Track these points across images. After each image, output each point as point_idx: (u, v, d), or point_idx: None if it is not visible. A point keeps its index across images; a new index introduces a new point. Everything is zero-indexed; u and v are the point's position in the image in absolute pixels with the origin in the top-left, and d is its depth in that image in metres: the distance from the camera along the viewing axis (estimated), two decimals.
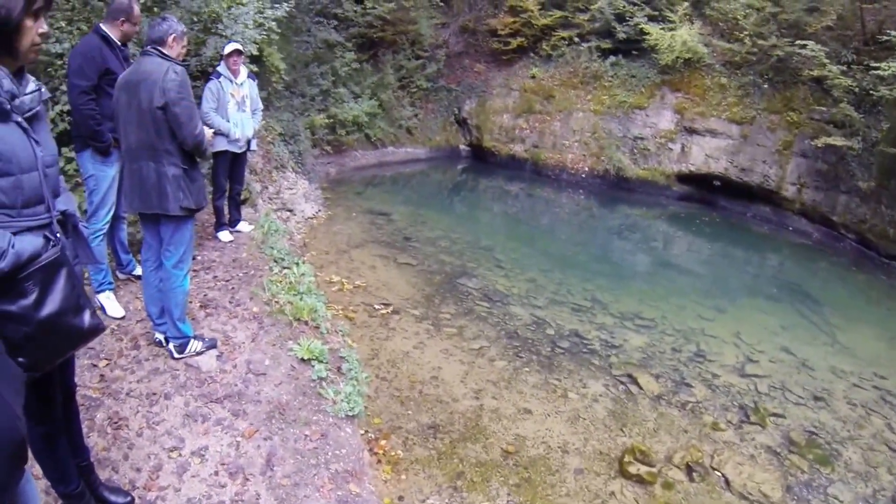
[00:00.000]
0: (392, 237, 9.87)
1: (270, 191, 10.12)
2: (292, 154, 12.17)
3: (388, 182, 15.05)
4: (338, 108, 15.20)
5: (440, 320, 6.89)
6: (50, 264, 2.03)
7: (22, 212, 2.04)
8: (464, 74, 18.46)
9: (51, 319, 2.02)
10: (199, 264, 6.13)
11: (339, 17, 15.96)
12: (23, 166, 2.02)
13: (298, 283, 6.09)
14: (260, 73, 9.85)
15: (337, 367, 4.83)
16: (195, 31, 7.87)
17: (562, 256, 10.11)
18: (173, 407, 3.84)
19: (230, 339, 4.73)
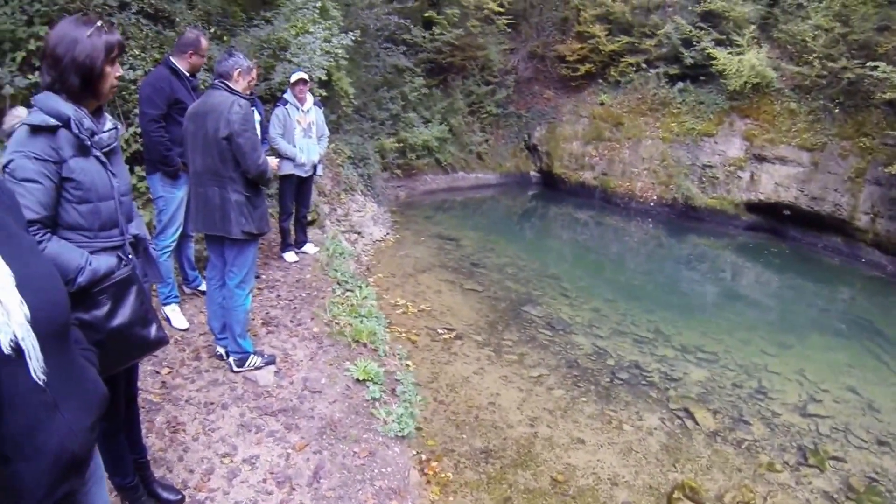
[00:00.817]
0: (459, 263, 10.04)
1: (339, 213, 10.42)
2: (361, 177, 12.46)
3: (458, 207, 15.26)
4: (408, 132, 15.53)
5: (502, 347, 6.97)
6: (122, 281, 2.38)
7: (98, 234, 2.42)
8: (533, 100, 18.62)
9: (120, 330, 2.34)
10: (264, 283, 6.41)
11: (408, 43, 16.31)
12: (100, 195, 2.39)
13: (360, 305, 6.28)
14: (329, 97, 10.21)
15: (391, 388, 4.99)
16: (264, 56, 8.26)
17: (628, 286, 10.10)
18: (229, 416, 4.07)
19: (289, 357, 4.96)
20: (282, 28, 8.43)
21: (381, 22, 14.43)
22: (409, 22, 15.56)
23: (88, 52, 2.26)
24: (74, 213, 2.35)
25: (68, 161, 2.29)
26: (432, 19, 16.84)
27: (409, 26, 15.67)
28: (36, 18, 5.57)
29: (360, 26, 12.66)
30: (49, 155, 2.24)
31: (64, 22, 2.32)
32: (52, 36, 2.26)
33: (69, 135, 2.28)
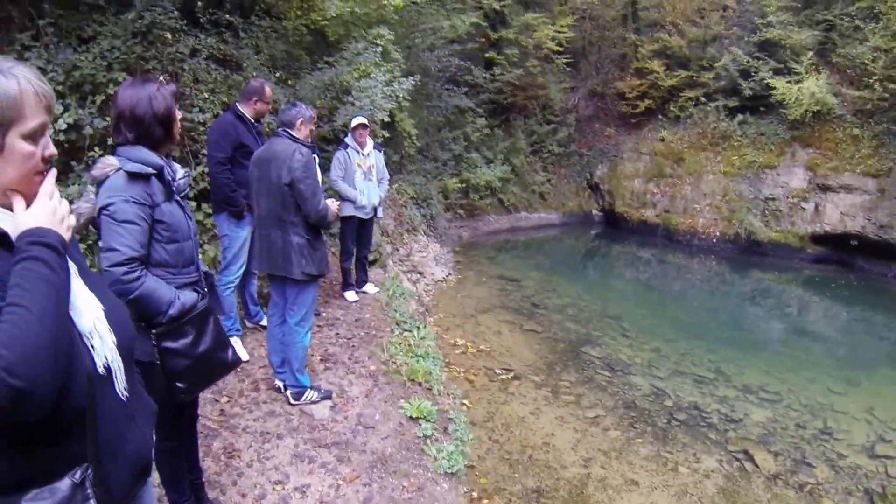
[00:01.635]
0: (520, 304, 10.13)
1: (401, 252, 10.68)
2: (424, 217, 12.73)
3: (520, 247, 15.40)
4: (470, 172, 15.81)
5: (559, 387, 7.02)
6: (202, 312, 2.71)
7: (181, 271, 2.76)
8: (595, 139, 18.76)
9: (205, 354, 2.67)
10: (324, 321, 6.66)
11: (470, 84, 16.63)
12: (183, 235, 2.74)
13: (418, 345, 6.45)
14: (392, 137, 10.51)
15: (444, 427, 5.10)
16: (327, 99, 8.64)
17: (690, 324, 10.01)
18: (283, 446, 4.28)
19: (345, 393, 5.16)
20: (344, 72, 8.80)
21: (442, 63, 14.83)
22: (469, 63, 15.95)
23: (164, 104, 2.63)
24: (163, 251, 2.68)
25: (160, 205, 2.62)
26: (493, 60, 17.24)
27: (470, 67, 16.05)
28: (115, 65, 6.02)
29: (422, 68, 13.10)
30: (145, 199, 2.56)
31: (129, 86, 2.65)
32: (124, 99, 2.60)
33: (159, 182, 2.62)
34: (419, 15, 13.24)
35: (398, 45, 10.77)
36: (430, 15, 13.76)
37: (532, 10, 17.94)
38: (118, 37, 6.17)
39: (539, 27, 17.28)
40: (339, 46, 9.96)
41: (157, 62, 6.42)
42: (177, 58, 6.74)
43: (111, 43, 6.09)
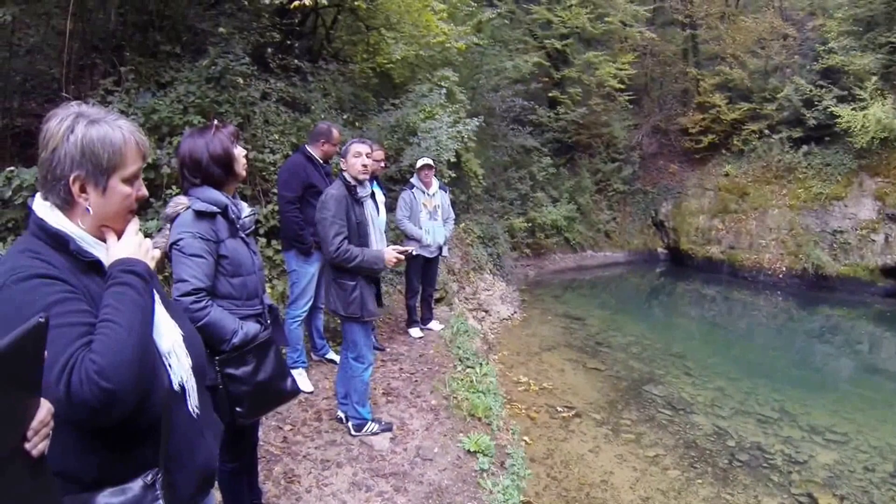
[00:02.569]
0: (584, 342, 10.15)
1: (467, 291, 10.79)
2: (491, 256, 12.84)
3: (586, 286, 15.38)
4: (536, 211, 15.90)
5: (620, 426, 7.00)
6: (264, 343, 2.90)
7: (245, 303, 2.96)
8: (659, 176, 18.65)
9: (264, 382, 2.85)
10: (388, 356, 6.81)
11: (534, 123, 16.82)
12: (247, 270, 2.95)
13: (479, 382, 6.49)
14: (459, 177, 10.70)
15: (501, 461, 5.14)
16: (394, 139, 8.87)
17: (754, 363, 9.81)
18: (342, 474, 4.41)
19: (406, 426, 5.27)
20: (410, 113, 9.05)
21: (506, 103, 15.06)
22: (533, 103, 16.14)
23: (221, 146, 2.88)
24: (227, 284, 2.89)
25: (224, 241, 2.85)
26: (556, 99, 17.43)
27: (534, 107, 16.23)
28: (190, 108, 6.35)
29: (487, 108, 13.35)
30: (210, 235, 2.79)
31: (187, 136, 2.97)
32: (183, 148, 2.91)
33: (224, 220, 2.86)
34: (483, 56, 13.53)
35: (463, 87, 11.04)
36: (494, 56, 14.06)
37: (593, 49, 18.11)
38: (193, 82, 6.55)
39: (601, 65, 17.45)
40: (405, 88, 10.27)
41: (230, 105, 6.76)
42: (248, 101, 7.09)
43: (187, 88, 6.45)
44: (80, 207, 1.63)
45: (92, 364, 1.44)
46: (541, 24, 17.96)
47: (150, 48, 7.09)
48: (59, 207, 1.62)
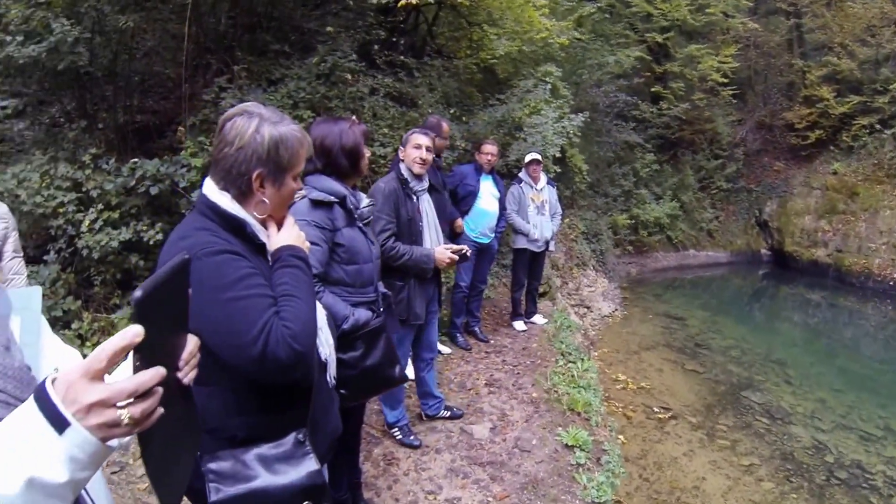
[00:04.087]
0: (684, 343, 9.98)
1: (570, 286, 10.83)
2: (594, 252, 12.83)
3: (687, 285, 15.07)
4: (639, 208, 15.70)
5: (715, 431, 6.85)
6: (374, 330, 2.96)
7: (359, 290, 3.07)
8: (763, 174, 18.01)
9: (371, 368, 2.91)
10: (492, 348, 6.92)
11: (637, 119, 16.59)
12: (363, 258, 3.05)
13: (580, 377, 6.50)
14: (564, 173, 10.67)
15: (597, 457, 5.14)
16: (500, 134, 8.94)
17: (860, 375, 9.32)
18: (440, 460, 4.54)
19: (506, 416, 5.34)
20: (515, 108, 9.12)
21: (609, 99, 14.92)
22: (636, 98, 15.91)
23: (353, 140, 2.99)
24: (341, 272, 3.00)
25: (341, 230, 2.95)
26: (659, 94, 17.11)
27: (636, 102, 15.99)
28: (300, 104, 6.60)
29: (591, 104, 13.27)
30: (326, 224, 2.90)
31: (322, 121, 3.09)
32: (316, 131, 3.01)
33: (341, 209, 2.97)
34: (584, 51, 13.46)
35: (566, 82, 11.00)
36: (595, 51, 13.95)
37: (695, 41, 17.69)
38: (303, 78, 6.81)
39: (703, 58, 16.98)
40: (509, 84, 10.33)
41: (339, 101, 7.00)
42: (357, 96, 7.33)
43: (297, 84, 6.72)
44: (255, 199, 1.84)
45: (286, 329, 1.70)
46: (641, 17, 17.60)
47: (259, 48, 7.42)
48: (236, 197, 1.82)
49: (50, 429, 0.89)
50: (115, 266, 5.72)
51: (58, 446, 0.89)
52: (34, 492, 0.88)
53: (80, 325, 5.39)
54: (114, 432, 0.92)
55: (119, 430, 0.92)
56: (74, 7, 5.89)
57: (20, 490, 0.87)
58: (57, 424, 0.89)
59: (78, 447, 0.89)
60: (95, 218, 5.54)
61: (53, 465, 0.89)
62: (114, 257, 5.61)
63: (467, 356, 6.66)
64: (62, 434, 0.89)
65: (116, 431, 0.92)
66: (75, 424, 0.89)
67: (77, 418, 0.89)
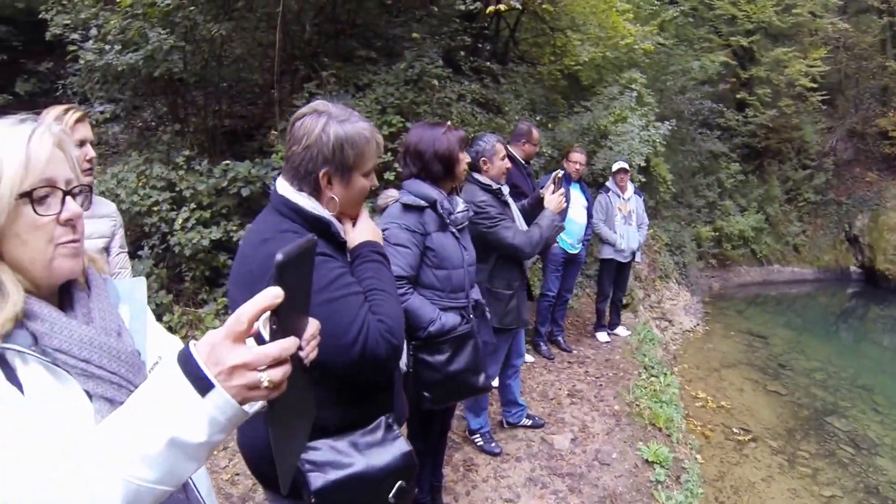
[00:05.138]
0: (766, 362, 9.78)
1: (652, 299, 10.79)
2: (677, 265, 12.71)
3: (771, 302, 14.74)
4: (724, 220, 15.44)
5: (796, 457, 6.70)
6: (462, 336, 3.04)
7: (449, 295, 3.14)
8: (854, 185, 17.35)
9: (455, 374, 3.00)
10: (574, 358, 6.98)
11: (722, 127, 16.26)
12: (454, 264, 3.13)
13: (662, 392, 6.52)
14: (647, 182, 10.64)
15: (677, 476, 5.15)
16: (585, 142, 8.94)
17: None
18: (520, 468, 4.62)
19: (587, 428, 5.39)
20: (601, 116, 9.15)
21: (694, 106, 14.70)
22: (721, 105, 15.61)
23: (447, 145, 3.07)
24: (432, 276, 3.09)
25: (431, 234, 3.04)
26: (744, 101, 16.75)
27: (721, 109, 15.69)
28: (389, 109, 6.78)
29: (675, 112, 13.11)
30: (417, 227, 3.00)
31: (419, 126, 3.21)
32: (412, 136, 3.14)
33: (433, 214, 3.05)
34: (669, 56, 13.31)
35: (650, 89, 10.93)
36: (679, 56, 13.76)
37: (781, 44, 17.16)
38: (391, 84, 7.00)
39: (790, 62, 16.47)
40: (593, 90, 10.36)
41: (428, 106, 7.16)
42: (444, 102, 7.47)
43: (385, 90, 6.91)
44: (325, 197, 1.93)
45: (382, 325, 1.81)
46: (725, 20, 17.16)
47: (344, 54, 7.68)
48: (310, 195, 1.92)
49: (193, 391, 0.94)
50: (205, 263, 6.05)
51: (200, 408, 0.94)
52: (174, 451, 0.95)
53: (170, 317, 5.70)
54: (252, 395, 0.96)
55: (257, 393, 0.96)
56: (168, 17, 6.25)
57: (161, 449, 0.94)
58: (200, 387, 0.94)
59: (219, 409, 0.95)
60: (188, 217, 5.90)
61: (194, 426, 0.94)
62: (204, 255, 5.94)
63: (550, 365, 6.71)
64: (205, 396, 0.94)
65: (255, 394, 0.96)
66: (218, 387, 0.94)
67: (219, 380, 0.94)
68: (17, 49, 9.47)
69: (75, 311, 1.23)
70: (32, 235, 1.13)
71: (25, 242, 1.12)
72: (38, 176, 1.12)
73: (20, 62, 9.46)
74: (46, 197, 1.14)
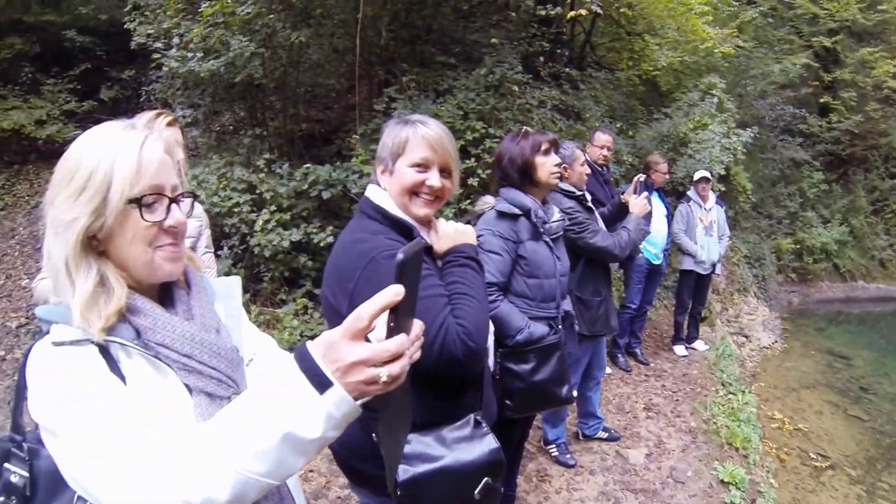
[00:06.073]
0: (847, 384, 9.53)
1: (730, 313, 10.68)
2: (756, 278, 12.53)
3: (854, 321, 14.34)
4: (805, 232, 15.13)
5: (876, 489, 6.49)
6: (549, 346, 3.13)
7: (539, 304, 3.24)
8: None
9: (539, 384, 3.07)
10: (651, 371, 7.03)
11: (805, 133, 15.95)
12: (546, 273, 3.23)
13: (740, 410, 6.45)
14: (727, 192, 10.53)
15: (752, 499, 5.08)
16: (665, 149, 8.94)
17: None
18: (593, 482, 4.69)
19: (662, 444, 5.43)
20: (681, 122, 9.13)
21: (775, 112, 14.43)
22: (803, 110, 15.27)
23: (517, 152, 3.21)
24: (523, 284, 3.18)
25: (525, 243, 3.15)
26: (828, 105, 16.36)
27: (804, 115, 15.34)
28: (471, 114, 6.90)
29: (756, 118, 12.93)
30: (510, 235, 3.12)
31: (504, 138, 3.37)
32: (498, 148, 3.33)
33: (527, 222, 3.16)
34: (748, 60, 13.15)
35: (729, 94, 10.82)
36: (759, 59, 13.57)
37: (867, 43, 16.74)
38: (472, 90, 7.14)
39: (877, 63, 16.05)
40: (671, 96, 10.32)
41: (509, 112, 7.26)
42: (525, 108, 7.59)
43: (466, 95, 7.05)
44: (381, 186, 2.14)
45: (461, 327, 1.87)
46: (806, 20, 16.82)
47: (421, 59, 7.87)
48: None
49: (311, 388, 0.98)
50: (284, 264, 6.29)
51: (317, 405, 0.98)
52: (287, 446, 1.00)
53: (248, 317, 5.93)
54: (370, 390, 1.00)
55: (375, 388, 1.00)
56: (248, 25, 6.53)
57: (275, 444, 0.99)
58: (318, 384, 0.98)
59: (335, 406, 0.99)
60: (268, 219, 6.13)
61: (311, 422, 0.99)
62: (283, 256, 6.18)
63: (627, 378, 6.77)
64: (323, 393, 0.98)
65: (372, 389, 1.00)
66: (336, 384, 0.98)
67: (336, 377, 0.98)
68: (100, 58, 10.45)
69: (176, 308, 1.33)
70: (137, 238, 1.22)
71: (130, 243, 1.22)
72: (147, 182, 1.21)
73: (104, 70, 10.36)
74: (154, 203, 1.23)
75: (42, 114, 9.30)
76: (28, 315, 7.08)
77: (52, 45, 10.27)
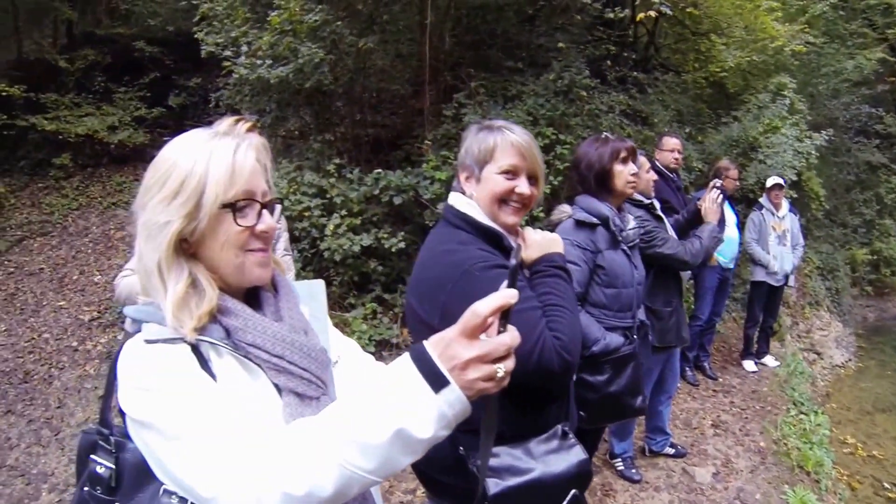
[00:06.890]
0: None
1: (801, 328, 10.50)
2: (829, 291, 12.20)
3: None
4: (883, 242, 14.64)
5: None
6: (624, 356, 3.14)
7: (616, 314, 3.27)
8: None
9: (614, 395, 3.08)
10: (720, 386, 6.97)
11: (881, 135, 15.41)
12: (624, 282, 3.26)
13: (812, 432, 6.33)
14: (798, 198, 10.28)
15: None
16: (734, 154, 8.86)
17: None
18: (658, 499, 4.68)
19: (730, 463, 5.38)
20: (750, 126, 9.04)
21: (849, 112, 14.00)
22: (880, 109, 14.76)
23: (595, 158, 3.23)
24: (601, 294, 3.22)
25: (603, 252, 3.19)
26: None
27: (880, 115, 14.83)
28: (541, 119, 6.99)
29: (829, 119, 12.58)
30: (588, 245, 3.16)
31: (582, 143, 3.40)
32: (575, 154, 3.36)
33: (605, 231, 3.20)
34: (819, 57, 12.74)
35: (800, 94, 10.57)
36: (831, 55, 13.12)
37: None
38: (541, 95, 7.21)
39: None
40: (739, 98, 10.16)
41: (578, 118, 7.35)
42: (594, 114, 7.66)
43: (535, 101, 7.12)
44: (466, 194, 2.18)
45: (557, 341, 1.91)
46: (880, 11, 15.99)
47: (486, 64, 7.96)
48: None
49: (426, 387, 1.00)
50: (354, 269, 6.49)
51: (431, 404, 1.00)
52: (397, 444, 1.02)
53: None
54: (486, 386, 1.02)
55: (491, 384, 1.02)
56: (316, 32, 6.68)
57: (385, 441, 1.01)
58: (435, 383, 1.00)
59: (449, 405, 1.00)
60: (339, 223, 6.32)
61: (424, 421, 1.01)
62: (353, 261, 6.37)
63: (694, 392, 6.74)
64: (438, 392, 1.00)
65: (488, 385, 1.02)
66: (453, 383, 1.00)
67: (453, 376, 1.00)
68: (168, 67, 11.15)
69: (264, 311, 1.37)
70: (229, 242, 1.27)
71: (222, 247, 1.27)
72: (241, 188, 1.26)
73: (172, 78, 11.10)
74: (246, 208, 1.28)
75: (114, 120, 9.90)
76: (100, 309, 7.42)
77: (122, 56, 11.05)
